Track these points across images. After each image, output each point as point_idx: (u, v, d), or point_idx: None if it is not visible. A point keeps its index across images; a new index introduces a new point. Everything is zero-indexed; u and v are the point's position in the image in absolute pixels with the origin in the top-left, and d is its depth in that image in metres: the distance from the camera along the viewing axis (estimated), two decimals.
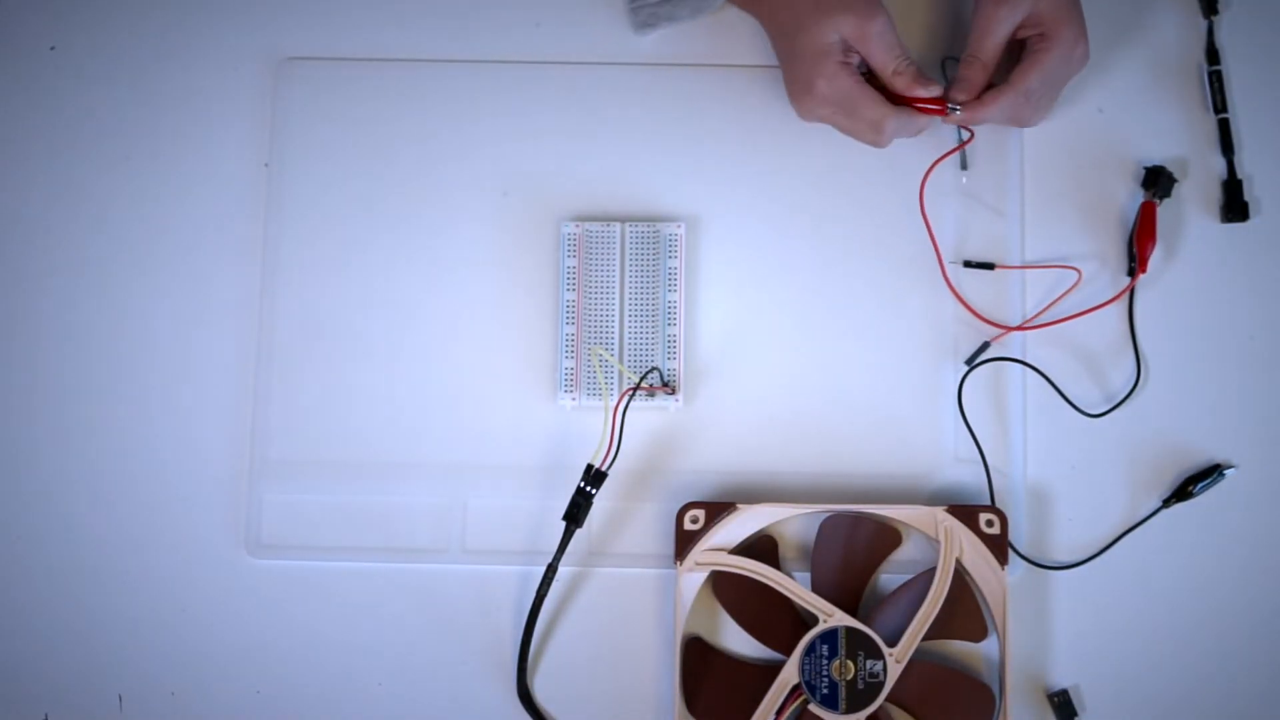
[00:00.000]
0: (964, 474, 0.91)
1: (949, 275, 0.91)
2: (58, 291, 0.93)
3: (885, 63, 0.87)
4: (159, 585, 0.91)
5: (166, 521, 0.91)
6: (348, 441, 0.91)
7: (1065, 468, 0.91)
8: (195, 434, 0.92)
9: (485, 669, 0.90)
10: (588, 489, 0.87)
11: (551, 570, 0.88)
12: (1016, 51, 0.89)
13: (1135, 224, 0.92)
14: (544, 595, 0.88)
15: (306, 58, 0.95)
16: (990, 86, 0.88)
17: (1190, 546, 0.91)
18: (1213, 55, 0.94)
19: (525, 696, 0.88)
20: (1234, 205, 0.93)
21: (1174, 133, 0.94)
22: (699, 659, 0.88)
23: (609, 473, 0.88)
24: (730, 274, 0.93)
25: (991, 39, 0.87)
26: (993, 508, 0.88)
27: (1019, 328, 0.91)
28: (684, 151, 0.93)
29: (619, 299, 0.91)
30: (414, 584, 0.90)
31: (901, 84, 0.87)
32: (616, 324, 0.91)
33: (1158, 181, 0.92)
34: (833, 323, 0.92)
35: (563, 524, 0.88)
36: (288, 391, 0.92)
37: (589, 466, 0.87)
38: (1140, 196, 0.93)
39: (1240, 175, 0.93)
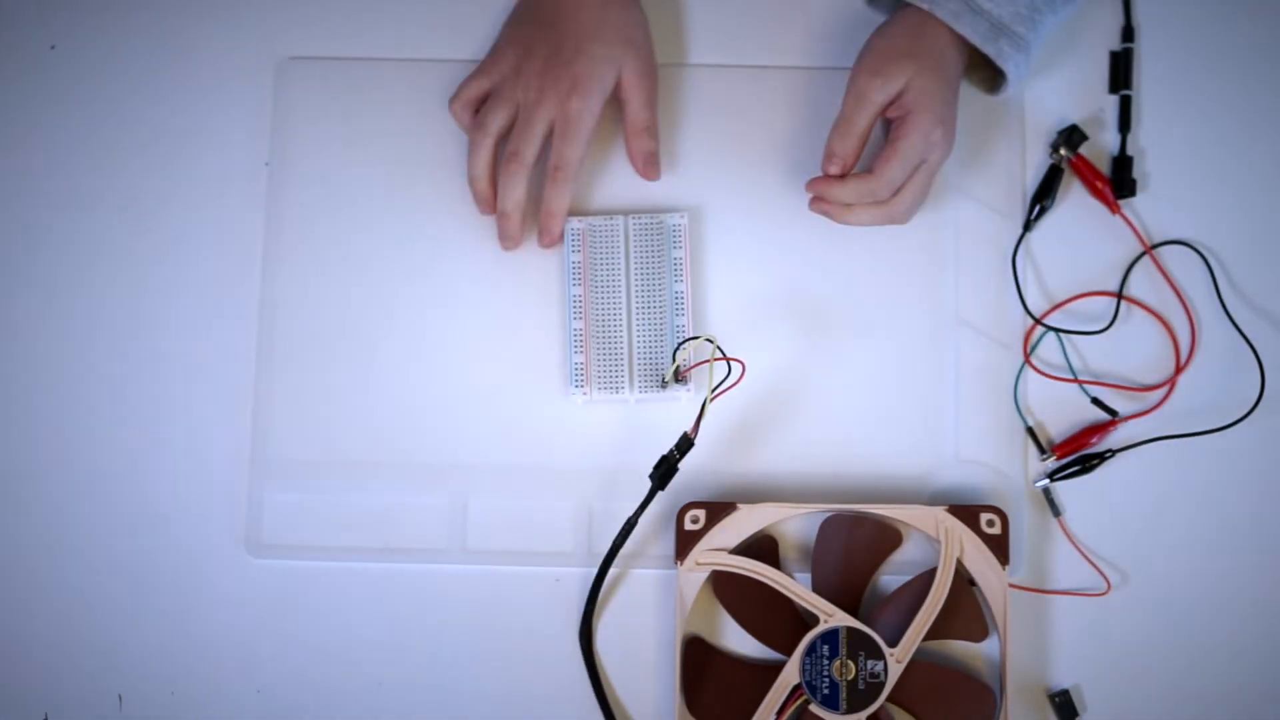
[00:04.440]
0: (965, 474, 0.91)
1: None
2: (57, 291, 0.93)
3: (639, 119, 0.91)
4: (159, 585, 0.91)
5: (167, 521, 0.91)
6: (349, 441, 0.91)
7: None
8: (196, 434, 0.92)
9: (485, 669, 0.90)
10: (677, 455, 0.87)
11: (631, 523, 0.87)
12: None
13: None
14: (619, 545, 0.87)
15: (306, 58, 0.95)
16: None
17: (1191, 546, 0.91)
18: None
19: (586, 638, 0.89)
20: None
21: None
22: (699, 659, 0.88)
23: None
24: (730, 271, 0.92)
25: (864, 111, 0.86)
26: (994, 507, 0.88)
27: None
28: (685, 147, 0.93)
29: (625, 292, 0.91)
30: (414, 584, 0.90)
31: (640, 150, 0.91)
32: (624, 316, 0.91)
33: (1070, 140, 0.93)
34: (833, 321, 0.92)
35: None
36: (288, 391, 0.92)
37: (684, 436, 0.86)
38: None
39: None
